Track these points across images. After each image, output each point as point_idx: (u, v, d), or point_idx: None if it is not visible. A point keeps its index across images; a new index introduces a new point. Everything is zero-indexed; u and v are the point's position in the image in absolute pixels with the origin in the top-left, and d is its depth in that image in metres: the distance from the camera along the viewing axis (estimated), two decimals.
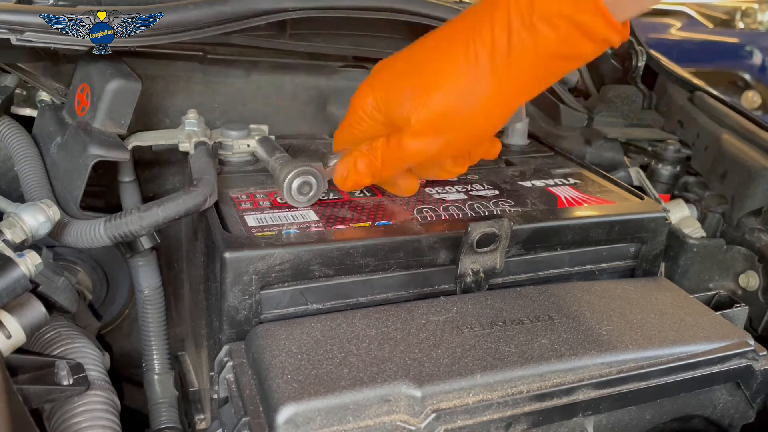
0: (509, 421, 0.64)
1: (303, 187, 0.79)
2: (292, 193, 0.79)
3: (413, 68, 0.70)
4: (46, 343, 0.78)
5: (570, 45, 0.63)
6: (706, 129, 1.19)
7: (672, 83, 1.32)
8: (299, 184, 0.79)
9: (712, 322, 0.76)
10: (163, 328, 0.96)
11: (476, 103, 0.67)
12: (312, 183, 0.80)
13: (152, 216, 0.73)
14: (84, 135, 0.82)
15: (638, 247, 0.88)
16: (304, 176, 0.79)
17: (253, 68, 1.07)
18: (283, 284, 0.72)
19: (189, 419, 0.92)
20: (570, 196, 0.90)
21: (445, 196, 0.87)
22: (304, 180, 0.79)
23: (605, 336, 0.71)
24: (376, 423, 0.60)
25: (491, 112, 0.69)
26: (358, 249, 0.73)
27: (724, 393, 0.76)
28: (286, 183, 0.79)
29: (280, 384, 0.60)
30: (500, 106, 0.69)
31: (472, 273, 0.79)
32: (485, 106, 0.68)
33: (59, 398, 0.70)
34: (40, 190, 0.83)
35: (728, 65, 3.95)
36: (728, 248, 1.05)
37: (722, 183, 1.11)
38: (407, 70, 0.71)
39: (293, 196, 0.79)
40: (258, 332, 0.68)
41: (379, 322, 0.70)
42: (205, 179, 0.77)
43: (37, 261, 0.66)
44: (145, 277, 0.93)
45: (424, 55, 0.71)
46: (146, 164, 0.99)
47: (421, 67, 0.70)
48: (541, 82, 0.69)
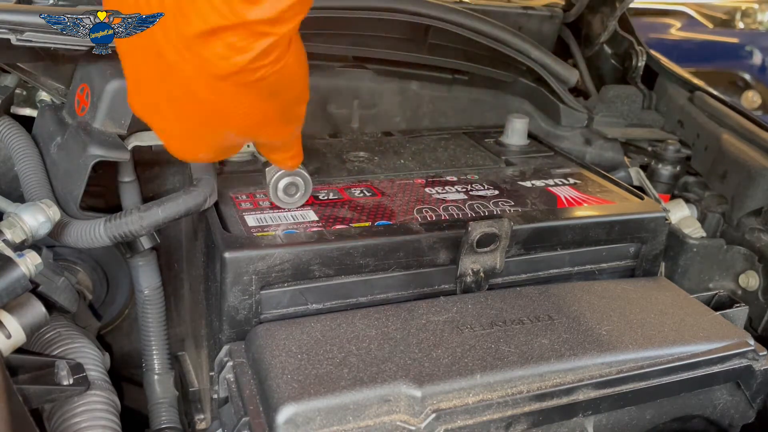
0: (509, 421, 0.64)
1: (289, 188, 0.80)
2: (278, 194, 0.80)
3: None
4: (46, 343, 0.78)
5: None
6: (706, 129, 1.19)
7: (672, 83, 1.32)
8: (285, 184, 0.80)
9: (712, 322, 0.76)
10: (163, 328, 0.96)
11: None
12: (299, 184, 0.80)
13: (152, 216, 0.73)
14: (84, 135, 0.82)
15: (638, 247, 0.88)
16: (290, 177, 0.80)
17: None
18: (283, 284, 0.72)
19: (189, 419, 0.92)
20: (570, 196, 0.90)
21: (445, 196, 0.87)
22: (291, 181, 0.80)
23: (605, 336, 0.71)
24: (376, 423, 0.60)
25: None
26: (358, 249, 0.73)
27: (724, 393, 0.76)
28: (272, 184, 0.79)
29: (280, 384, 0.60)
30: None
31: (472, 273, 0.79)
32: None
33: (59, 398, 0.70)
34: (40, 190, 0.83)
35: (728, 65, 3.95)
36: (728, 248, 1.05)
37: (722, 183, 1.11)
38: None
39: (279, 196, 0.80)
40: (258, 332, 0.68)
41: (379, 322, 0.70)
42: (205, 179, 0.77)
43: (37, 261, 0.66)
44: (145, 277, 0.93)
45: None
46: (146, 164, 0.99)
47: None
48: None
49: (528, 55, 1.20)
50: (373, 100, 1.20)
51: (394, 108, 1.22)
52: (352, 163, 0.98)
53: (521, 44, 1.20)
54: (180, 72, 0.54)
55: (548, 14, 1.38)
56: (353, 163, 0.98)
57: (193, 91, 0.55)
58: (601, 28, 1.34)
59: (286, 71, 0.58)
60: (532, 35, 1.30)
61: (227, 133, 0.63)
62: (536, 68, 1.22)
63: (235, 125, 0.61)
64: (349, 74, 1.17)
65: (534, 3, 1.42)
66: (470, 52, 1.22)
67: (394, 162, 0.99)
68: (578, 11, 1.37)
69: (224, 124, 0.61)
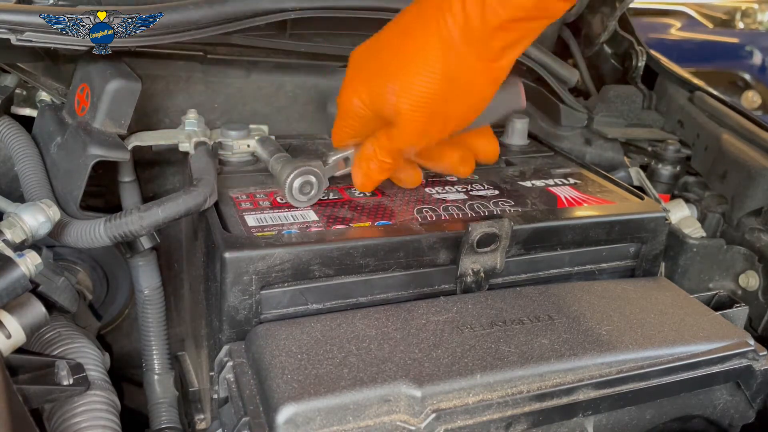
0: (509, 421, 0.64)
1: (304, 187, 0.80)
2: (293, 193, 0.79)
3: (389, 57, 0.71)
4: (46, 343, 0.78)
5: (541, 4, 0.64)
6: (706, 129, 1.19)
7: (672, 83, 1.32)
8: (300, 183, 0.79)
9: (712, 322, 0.76)
10: (163, 328, 0.96)
11: (458, 78, 0.68)
12: (313, 182, 0.80)
13: (152, 216, 0.73)
14: (84, 135, 0.82)
15: (638, 247, 0.88)
16: (305, 176, 0.79)
17: (253, 68, 1.07)
18: (283, 284, 0.72)
19: (189, 419, 0.92)
20: (570, 196, 0.90)
21: (445, 196, 0.87)
22: (306, 180, 0.79)
23: (605, 336, 0.71)
24: (376, 423, 0.60)
25: (473, 82, 0.69)
26: (358, 249, 0.73)
27: (724, 393, 0.76)
28: (287, 183, 0.79)
29: (280, 384, 0.60)
30: (481, 75, 0.69)
31: (472, 273, 0.79)
32: (467, 79, 0.68)
33: (59, 398, 0.70)
34: (40, 190, 0.83)
35: (728, 65, 3.95)
36: (728, 248, 1.05)
37: (722, 183, 1.11)
38: (383, 61, 0.71)
39: (294, 195, 0.79)
40: (258, 332, 0.68)
41: (379, 322, 0.70)
42: (205, 179, 0.77)
43: (37, 261, 0.66)
44: (145, 277, 0.93)
45: (397, 41, 0.71)
46: (146, 164, 0.99)
47: (395, 55, 0.70)
48: (516, 46, 0.69)
49: (528, 55, 1.20)
50: None
51: None
52: None
53: None
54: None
55: None
56: None
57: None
58: (601, 28, 1.34)
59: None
60: None
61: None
62: (536, 68, 1.22)
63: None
64: None
65: None
66: None
67: None
68: (578, 11, 1.36)
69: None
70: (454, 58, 0.67)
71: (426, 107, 0.69)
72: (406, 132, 0.71)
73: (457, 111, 0.71)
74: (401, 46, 0.70)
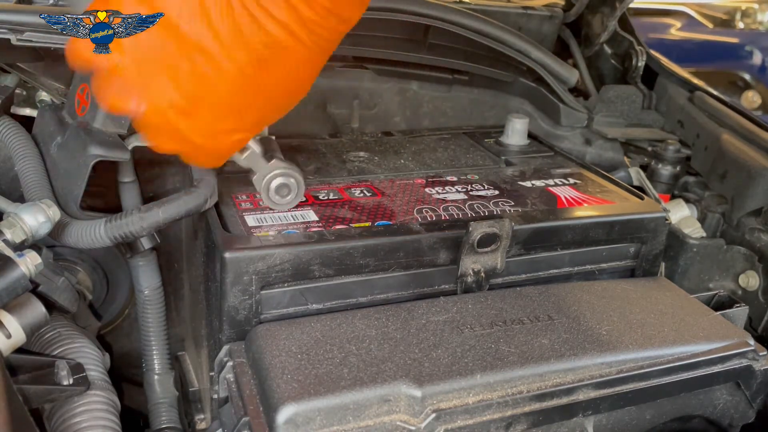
0: (509, 421, 0.64)
1: (281, 190, 0.78)
2: (270, 195, 0.78)
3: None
4: (46, 343, 0.78)
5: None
6: (706, 129, 1.19)
7: (672, 83, 1.32)
8: (277, 185, 0.78)
9: (712, 322, 0.76)
10: (163, 328, 0.96)
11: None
12: (291, 185, 0.78)
13: (153, 217, 0.73)
14: (84, 135, 0.82)
15: (638, 247, 0.88)
16: (283, 178, 0.78)
17: None
18: (283, 284, 0.72)
19: (189, 419, 0.92)
20: (570, 196, 0.90)
21: (445, 196, 0.87)
22: (283, 182, 0.78)
23: (605, 336, 0.71)
24: (376, 423, 0.60)
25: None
26: (358, 249, 0.73)
27: (724, 393, 0.76)
28: (264, 185, 0.78)
29: (280, 384, 0.60)
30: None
31: (473, 273, 0.79)
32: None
33: (59, 398, 0.70)
34: (40, 190, 0.82)
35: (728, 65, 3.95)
36: (728, 248, 1.05)
37: (722, 183, 1.11)
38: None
39: (272, 198, 0.78)
40: (258, 332, 0.68)
41: (379, 322, 0.70)
42: (205, 180, 0.77)
43: (37, 261, 0.66)
44: (145, 277, 0.93)
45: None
46: (146, 164, 0.99)
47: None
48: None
49: (528, 55, 1.20)
50: (373, 100, 1.21)
51: (394, 108, 1.23)
52: (352, 163, 0.98)
53: (521, 44, 1.20)
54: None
55: (548, 14, 1.38)
56: (353, 163, 0.98)
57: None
58: (601, 28, 1.34)
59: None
60: (532, 35, 1.30)
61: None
62: (536, 68, 1.22)
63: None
64: (349, 74, 1.17)
65: (534, 3, 1.42)
66: (470, 52, 1.22)
67: (394, 162, 0.99)
68: (578, 11, 1.37)
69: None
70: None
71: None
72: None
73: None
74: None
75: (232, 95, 0.63)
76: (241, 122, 0.67)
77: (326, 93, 1.14)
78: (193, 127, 0.64)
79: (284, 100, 0.69)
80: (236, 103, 0.64)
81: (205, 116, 0.64)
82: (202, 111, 0.63)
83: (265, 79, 0.63)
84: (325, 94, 1.14)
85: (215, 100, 0.63)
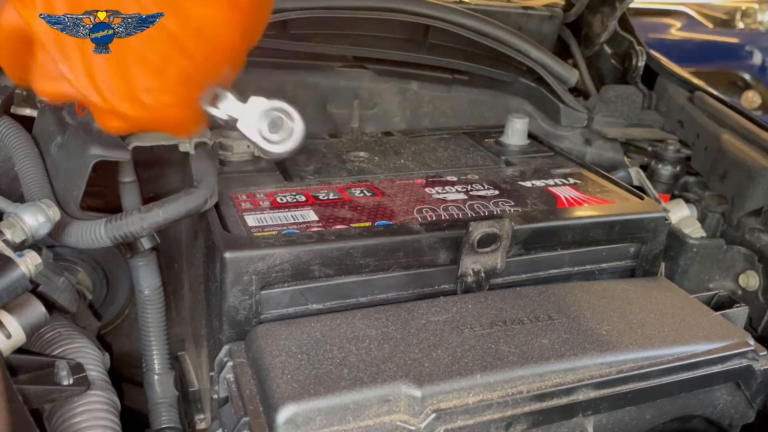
0: (509, 421, 0.64)
1: (276, 124, 0.67)
2: (265, 135, 0.66)
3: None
4: (46, 343, 0.78)
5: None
6: (706, 129, 1.19)
7: (672, 83, 1.32)
8: (270, 121, 0.67)
9: (712, 322, 0.76)
10: (163, 328, 0.96)
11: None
12: (285, 116, 0.66)
13: (153, 217, 0.73)
14: (84, 135, 0.82)
15: (638, 247, 0.88)
16: (275, 112, 0.66)
17: (253, 68, 1.07)
18: (283, 284, 0.72)
19: (189, 419, 0.92)
20: (570, 196, 0.90)
21: (445, 196, 0.87)
22: (276, 114, 0.66)
23: (605, 336, 0.71)
24: (376, 423, 0.60)
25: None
26: (358, 249, 0.73)
27: (724, 393, 0.76)
28: (253, 126, 0.65)
29: (280, 384, 0.60)
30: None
31: (473, 273, 0.79)
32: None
33: (59, 398, 0.70)
34: (41, 190, 0.82)
35: (728, 65, 3.95)
36: (728, 248, 1.05)
37: (722, 183, 1.11)
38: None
39: (268, 138, 0.66)
40: (258, 332, 0.68)
41: (379, 322, 0.70)
42: (205, 180, 0.77)
43: (37, 261, 0.66)
44: (145, 277, 0.93)
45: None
46: (146, 164, 0.99)
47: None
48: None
49: (528, 55, 1.20)
50: (373, 100, 1.21)
51: (394, 108, 1.23)
52: (352, 163, 0.98)
53: (521, 44, 1.20)
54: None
55: (548, 14, 1.38)
56: (353, 163, 0.98)
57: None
58: (601, 28, 1.34)
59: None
60: (532, 35, 1.30)
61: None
62: (536, 68, 1.22)
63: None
64: (349, 74, 1.17)
65: (534, 3, 1.42)
66: (470, 52, 1.23)
67: (394, 162, 0.99)
68: (578, 11, 1.37)
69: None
70: None
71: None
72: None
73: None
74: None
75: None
76: (164, 81, 0.64)
77: (326, 93, 1.14)
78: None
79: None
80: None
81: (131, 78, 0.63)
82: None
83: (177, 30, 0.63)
84: (325, 94, 1.14)
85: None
